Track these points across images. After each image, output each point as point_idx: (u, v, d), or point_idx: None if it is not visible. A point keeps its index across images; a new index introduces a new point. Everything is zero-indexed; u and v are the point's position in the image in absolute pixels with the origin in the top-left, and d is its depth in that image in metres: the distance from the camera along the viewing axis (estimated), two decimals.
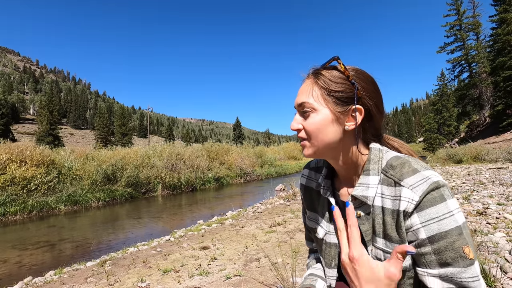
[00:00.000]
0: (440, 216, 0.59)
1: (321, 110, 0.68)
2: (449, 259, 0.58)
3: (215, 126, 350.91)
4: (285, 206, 6.96)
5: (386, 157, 0.71)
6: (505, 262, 2.15)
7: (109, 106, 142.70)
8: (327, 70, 0.70)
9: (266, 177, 20.36)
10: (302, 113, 0.71)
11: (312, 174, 0.90)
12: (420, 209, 0.60)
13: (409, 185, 0.62)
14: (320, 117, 0.68)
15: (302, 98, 0.70)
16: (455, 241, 0.57)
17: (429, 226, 0.59)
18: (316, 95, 0.69)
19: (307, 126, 0.70)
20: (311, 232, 0.90)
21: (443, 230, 0.58)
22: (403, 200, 0.62)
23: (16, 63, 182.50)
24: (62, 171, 10.95)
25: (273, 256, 3.24)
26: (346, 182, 0.77)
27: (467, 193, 5.32)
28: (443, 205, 0.59)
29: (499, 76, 24.43)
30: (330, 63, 0.71)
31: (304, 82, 0.73)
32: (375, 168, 0.70)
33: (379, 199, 0.68)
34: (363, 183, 0.70)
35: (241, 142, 57.16)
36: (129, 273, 3.37)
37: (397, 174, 0.65)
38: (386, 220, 0.66)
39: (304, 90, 0.71)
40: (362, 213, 0.70)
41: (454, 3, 30.68)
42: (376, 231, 0.68)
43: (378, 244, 0.67)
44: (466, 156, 14.81)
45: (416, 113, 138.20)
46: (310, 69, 0.75)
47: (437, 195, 0.60)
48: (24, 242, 6.18)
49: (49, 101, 52.93)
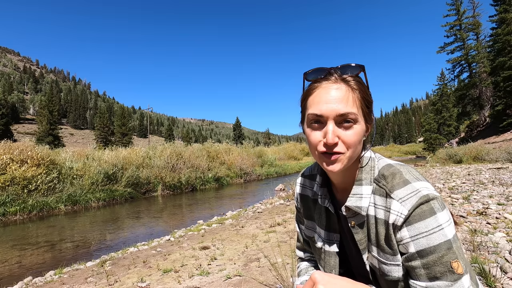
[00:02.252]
0: (429, 231, 0.58)
1: (361, 122, 0.65)
2: (437, 273, 0.58)
3: (215, 126, 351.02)
4: (285, 206, 6.96)
5: (378, 166, 0.71)
6: (505, 262, 2.15)
7: (109, 106, 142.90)
8: (355, 78, 0.66)
9: (266, 177, 20.36)
10: (339, 123, 0.63)
11: (307, 182, 0.88)
12: (409, 223, 0.60)
13: (399, 198, 0.62)
14: (360, 128, 0.64)
15: (345, 108, 0.62)
16: (444, 255, 0.58)
17: (418, 240, 0.59)
18: (358, 105, 0.64)
19: (350, 139, 0.63)
20: (310, 241, 0.87)
21: (432, 245, 0.58)
22: (392, 213, 0.62)
23: (16, 63, 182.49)
24: (62, 171, 10.95)
25: (273, 256, 3.24)
26: (342, 190, 0.76)
27: (467, 193, 5.32)
28: (433, 219, 0.59)
29: (499, 76, 24.44)
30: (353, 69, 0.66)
31: (330, 86, 0.65)
32: (367, 178, 0.69)
33: (373, 208, 0.67)
34: (357, 194, 0.69)
35: (241, 142, 57.06)
36: (129, 273, 3.37)
37: (388, 185, 0.66)
38: (379, 231, 0.66)
39: (343, 98, 0.63)
40: (355, 223, 0.70)
41: (454, 3, 30.70)
42: (371, 240, 0.68)
43: (374, 253, 0.67)
44: (466, 156, 14.82)
45: (416, 113, 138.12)
46: (323, 72, 0.67)
47: (426, 208, 0.59)
48: (24, 242, 6.18)
49: (49, 101, 53.00)
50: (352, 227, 0.70)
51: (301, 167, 26.72)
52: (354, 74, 0.66)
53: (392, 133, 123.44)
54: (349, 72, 0.65)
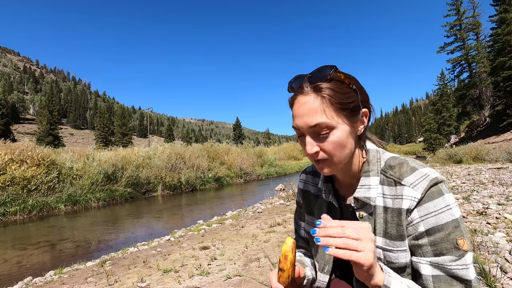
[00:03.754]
0: (438, 210, 0.62)
1: (339, 127, 0.64)
2: (444, 249, 0.61)
3: (215, 126, 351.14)
4: (285, 206, 6.96)
5: (383, 158, 0.73)
6: (505, 262, 2.15)
7: (109, 106, 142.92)
8: (325, 82, 0.64)
9: (266, 177, 20.36)
10: (315, 134, 0.65)
11: (310, 178, 0.91)
12: (420, 205, 0.63)
13: (410, 183, 0.65)
14: (339, 133, 0.64)
15: (314, 119, 0.63)
16: (451, 233, 0.61)
17: (427, 220, 0.62)
18: (329, 111, 0.63)
19: (328, 147, 0.65)
20: (309, 236, 0.89)
21: (440, 223, 0.61)
22: (405, 199, 0.65)
23: (16, 63, 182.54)
24: (62, 171, 10.95)
25: (273, 256, 3.24)
26: (346, 184, 0.79)
27: (467, 193, 5.32)
28: (441, 199, 0.62)
29: (499, 76, 24.45)
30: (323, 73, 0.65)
31: (301, 99, 0.66)
32: (374, 169, 0.72)
33: (381, 199, 0.69)
34: (365, 185, 0.71)
35: (241, 142, 57.04)
36: (129, 273, 3.37)
37: (397, 174, 0.68)
38: (387, 219, 0.68)
39: (310, 109, 0.64)
40: (364, 214, 0.71)
41: (454, 3, 30.71)
42: (376, 231, 0.70)
43: (378, 243, 0.69)
44: (466, 156, 14.82)
45: (416, 113, 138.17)
46: (299, 82, 0.67)
47: (435, 190, 0.63)
48: (24, 242, 6.18)
49: (49, 101, 53.01)
50: (360, 218, 0.72)
51: (301, 167, 26.73)
52: (325, 79, 0.64)
53: (392, 133, 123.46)
54: (319, 79, 0.65)
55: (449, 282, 0.61)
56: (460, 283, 0.60)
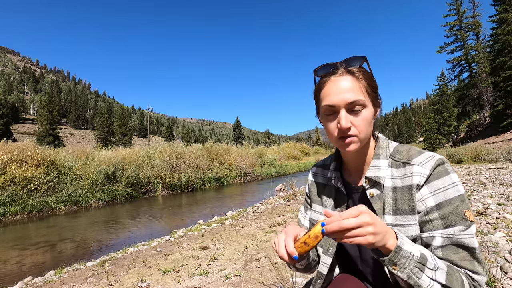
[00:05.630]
0: (445, 186, 0.69)
1: (369, 106, 0.74)
2: (453, 221, 0.68)
3: (215, 126, 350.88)
4: (285, 206, 6.96)
5: (392, 145, 0.82)
6: (505, 262, 2.15)
7: (109, 106, 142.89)
8: (359, 68, 0.75)
9: (266, 177, 20.35)
10: (350, 110, 0.73)
11: (319, 170, 0.99)
12: (429, 182, 0.71)
13: (419, 162, 0.73)
14: (368, 112, 0.73)
15: (353, 96, 0.71)
16: (458, 206, 0.68)
17: (437, 195, 0.69)
18: (365, 92, 0.73)
19: (360, 123, 0.73)
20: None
21: (448, 198, 0.68)
22: (415, 175, 0.72)
23: (16, 63, 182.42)
24: (62, 171, 10.95)
25: (273, 256, 3.24)
26: (355, 171, 0.86)
27: (467, 193, 5.32)
28: (448, 177, 0.70)
29: (499, 76, 24.42)
30: (356, 60, 0.75)
31: (337, 79, 0.74)
32: (383, 153, 0.80)
33: (389, 180, 0.76)
34: (375, 166, 0.79)
35: (241, 142, 57.06)
36: (129, 273, 3.37)
37: (405, 157, 0.76)
38: (397, 197, 0.74)
39: (350, 88, 0.72)
40: (374, 193, 0.78)
41: (454, 3, 30.66)
42: (385, 210, 0.75)
43: (387, 221, 0.75)
44: (466, 156, 14.82)
45: (416, 113, 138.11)
46: (332, 67, 0.76)
47: (442, 169, 0.71)
48: (24, 242, 6.18)
49: (49, 101, 52.96)
50: (371, 197, 0.78)
51: (301, 167, 26.72)
52: (358, 65, 0.75)
53: (392, 133, 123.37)
54: (353, 64, 0.74)
55: (455, 250, 0.67)
56: (465, 250, 0.67)
